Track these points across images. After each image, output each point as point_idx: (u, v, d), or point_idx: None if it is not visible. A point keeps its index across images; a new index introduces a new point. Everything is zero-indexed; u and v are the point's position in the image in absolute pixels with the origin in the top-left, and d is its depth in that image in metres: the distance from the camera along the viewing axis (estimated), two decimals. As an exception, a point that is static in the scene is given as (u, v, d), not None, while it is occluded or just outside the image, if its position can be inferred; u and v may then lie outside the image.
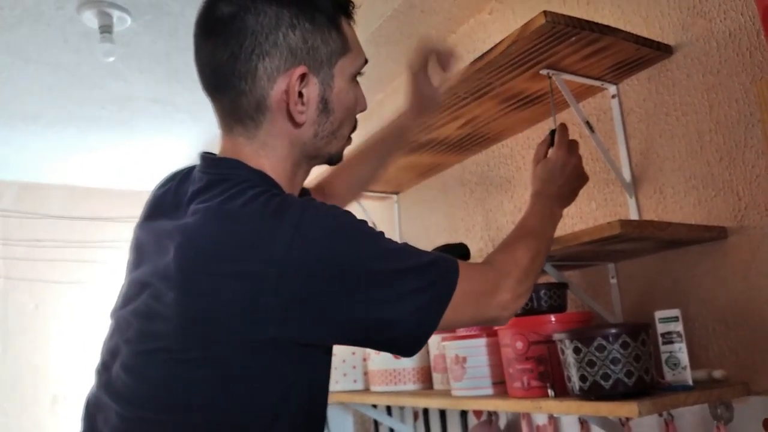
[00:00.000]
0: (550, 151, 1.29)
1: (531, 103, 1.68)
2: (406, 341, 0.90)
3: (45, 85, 2.68)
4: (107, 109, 2.99)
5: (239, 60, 0.92)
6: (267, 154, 0.96)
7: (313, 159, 1.02)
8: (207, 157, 0.99)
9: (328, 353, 0.95)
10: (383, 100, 2.64)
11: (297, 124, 0.95)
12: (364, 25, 2.19)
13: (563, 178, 1.24)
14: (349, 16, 1.01)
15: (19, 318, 3.79)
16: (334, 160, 1.04)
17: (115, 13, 2.20)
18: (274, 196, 0.87)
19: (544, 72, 1.45)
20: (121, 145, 3.46)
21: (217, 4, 0.94)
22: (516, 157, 1.96)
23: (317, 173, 1.28)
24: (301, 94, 0.94)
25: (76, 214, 3.97)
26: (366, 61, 1.03)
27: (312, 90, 0.95)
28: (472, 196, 2.16)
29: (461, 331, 1.62)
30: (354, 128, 1.05)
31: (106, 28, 2.23)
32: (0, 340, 3.73)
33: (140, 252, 0.97)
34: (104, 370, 0.93)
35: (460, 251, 1.87)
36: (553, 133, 1.31)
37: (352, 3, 1.01)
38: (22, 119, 3.01)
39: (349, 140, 1.05)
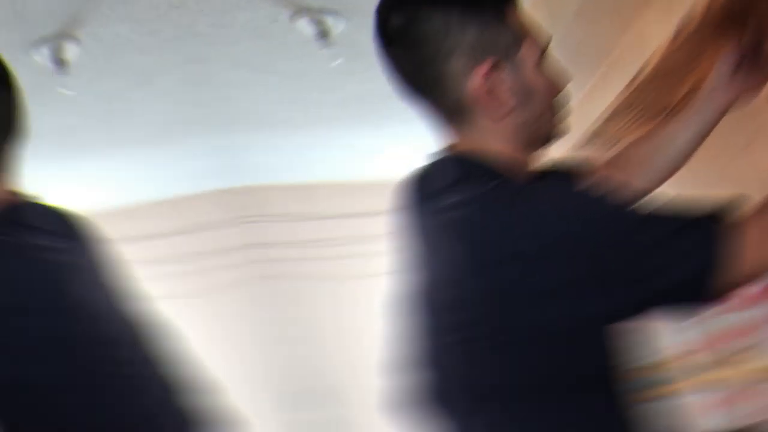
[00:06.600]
0: None
1: None
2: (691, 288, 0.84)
3: (282, 91, 2.80)
4: (348, 108, 3.07)
5: (424, 69, 0.95)
6: (483, 147, 0.97)
7: (531, 145, 1.01)
8: (439, 154, 1.00)
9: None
10: (606, 72, 2.33)
11: (498, 118, 0.96)
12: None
13: None
14: (514, 3, 0.99)
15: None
16: (554, 140, 1.04)
17: (328, 18, 2.27)
18: (511, 184, 0.91)
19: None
20: (366, 139, 3.56)
21: (389, 17, 0.97)
22: None
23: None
24: (493, 88, 0.94)
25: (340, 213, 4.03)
26: (548, 41, 1.01)
27: (503, 82, 0.94)
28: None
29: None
30: (563, 103, 1.02)
31: (323, 34, 2.32)
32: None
33: (411, 250, 1.00)
34: (405, 368, 0.98)
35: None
36: None
37: None
38: (271, 125, 3.17)
39: (563, 115, 1.03)
